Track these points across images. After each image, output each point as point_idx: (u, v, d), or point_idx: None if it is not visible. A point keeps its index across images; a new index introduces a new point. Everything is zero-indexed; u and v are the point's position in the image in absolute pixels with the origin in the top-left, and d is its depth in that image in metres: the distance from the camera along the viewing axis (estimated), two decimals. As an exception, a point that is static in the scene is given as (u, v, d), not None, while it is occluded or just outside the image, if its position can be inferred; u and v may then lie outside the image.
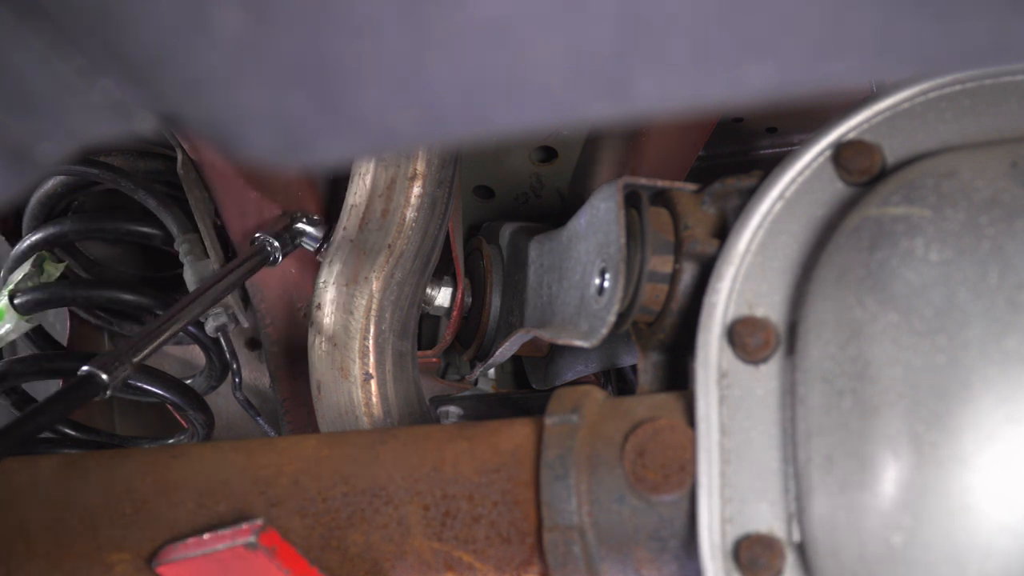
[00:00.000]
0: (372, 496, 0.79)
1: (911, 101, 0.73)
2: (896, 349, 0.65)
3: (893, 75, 0.69)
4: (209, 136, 0.47)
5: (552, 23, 0.41)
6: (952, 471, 0.63)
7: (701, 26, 0.41)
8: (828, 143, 0.74)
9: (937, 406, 0.63)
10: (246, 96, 0.44)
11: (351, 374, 1.01)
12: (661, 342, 0.81)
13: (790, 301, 0.71)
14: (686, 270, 0.78)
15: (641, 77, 0.43)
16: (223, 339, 1.22)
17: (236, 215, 1.15)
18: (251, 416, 1.27)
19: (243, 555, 0.75)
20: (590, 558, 0.74)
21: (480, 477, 0.77)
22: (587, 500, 0.74)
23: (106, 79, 0.45)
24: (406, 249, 1.03)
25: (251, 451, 0.84)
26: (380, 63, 0.42)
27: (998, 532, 0.62)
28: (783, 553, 0.68)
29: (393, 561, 0.78)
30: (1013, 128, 0.72)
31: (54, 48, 0.44)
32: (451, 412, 1.14)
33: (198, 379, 1.30)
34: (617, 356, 1.21)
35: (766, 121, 1.35)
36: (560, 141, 1.22)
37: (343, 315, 1.02)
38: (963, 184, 0.67)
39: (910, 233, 0.67)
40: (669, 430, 0.73)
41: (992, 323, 0.64)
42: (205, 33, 0.41)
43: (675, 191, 0.81)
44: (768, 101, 0.45)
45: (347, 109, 0.44)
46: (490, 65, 0.42)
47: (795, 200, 0.73)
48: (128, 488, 0.82)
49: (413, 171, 1.04)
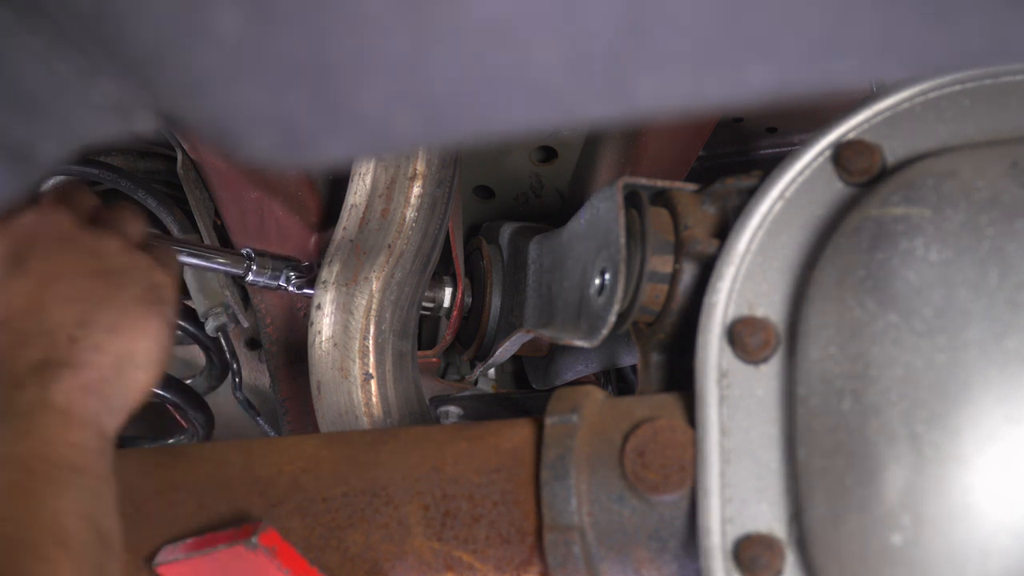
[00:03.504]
0: (372, 496, 0.79)
1: (911, 101, 0.73)
2: (896, 349, 0.65)
3: (893, 75, 0.69)
4: (209, 136, 0.47)
5: (552, 23, 0.41)
6: (952, 471, 0.63)
7: (701, 26, 0.41)
8: (828, 143, 0.74)
9: (937, 406, 0.63)
10: (246, 96, 0.44)
11: (351, 374, 1.01)
12: (661, 342, 0.81)
13: (790, 301, 0.71)
14: (686, 270, 0.78)
15: (641, 77, 0.43)
16: (223, 339, 1.22)
17: (236, 215, 1.15)
18: (251, 416, 1.27)
19: (243, 555, 0.75)
20: (590, 558, 0.74)
21: (480, 477, 0.77)
22: (587, 500, 0.74)
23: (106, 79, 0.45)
24: (406, 249, 1.03)
25: (251, 451, 0.84)
26: (380, 63, 0.42)
27: (997, 532, 0.62)
28: (783, 553, 0.68)
29: (393, 561, 0.78)
30: (1013, 128, 0.72)
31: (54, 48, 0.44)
32: (451, 412, 1.14)
33: (198, 379, 1.30)
34: (617, 356, 1.21)
35: (766, 121, 1.35)
36: (560, 141, 1.22)
37: (343, 315, 1.02)
38: (963, 184, 0.67)
39: (910, 233, 0.67)
40: (669, 430, 0.73)
41: (992, 323, 0.64)
42: (204, 33, 0.41)
43: (675, 191, 0.81)
44: (768, 101, 0.45)
45: (347, 109, 0.44)
46: (490, 65, 0.42)
47: (795, 200, 0.73)
48: (128, 488, 0.82)
49: (413, 171, 1.04)
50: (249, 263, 1.06)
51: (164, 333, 0.75)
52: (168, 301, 0.77)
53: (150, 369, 0.74)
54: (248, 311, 1.22)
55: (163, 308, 0.76)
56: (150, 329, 0.74)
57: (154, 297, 0.75)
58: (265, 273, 1.07)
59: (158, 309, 0.75)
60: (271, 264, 1.07)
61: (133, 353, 0.72)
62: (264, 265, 1.07)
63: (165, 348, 0.76)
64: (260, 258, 1.07)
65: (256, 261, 1.06)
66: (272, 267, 1.07)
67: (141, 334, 0.73)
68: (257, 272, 1.06)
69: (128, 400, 0.72)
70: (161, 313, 0.75)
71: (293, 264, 1.08)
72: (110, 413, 0.70)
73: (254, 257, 1.06)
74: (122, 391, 0.72)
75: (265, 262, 1.07)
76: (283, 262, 1.08)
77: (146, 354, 0.73)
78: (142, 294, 0.75)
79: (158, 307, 0.75)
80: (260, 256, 1.07)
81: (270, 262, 1.07)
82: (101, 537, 0.65)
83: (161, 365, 0.75)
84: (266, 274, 1.07)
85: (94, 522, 0.65)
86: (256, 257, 1.06)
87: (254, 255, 1.06)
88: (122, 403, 0.72)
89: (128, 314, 0.73)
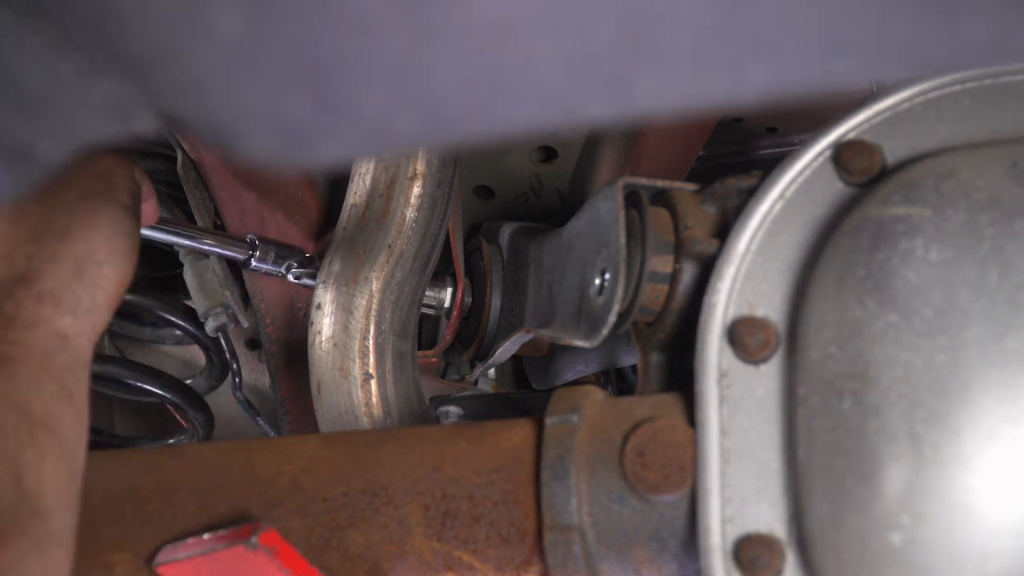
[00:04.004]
0: (372, 496, 0.79)
1: (911, 101, 0.73)
2: (896, 349, 0.65)
3: (893, 75, 0.69)
4: (209, 136, 0.47)
5: (552, 23, 0.41)
6: (952, 471, 0.63)
7: (701, 26, 0.41)
8: (828, 143, 0.74)
9: (937, 406, 0.63)
10: (245, 96, 0.44)
11: (351, 374, 1.01)
12: (661, 342, 0.81)
13: (790, 301, 0.71)
14: (686, 270, 0.78)
15: (641, 77, 0.43)
16: (223, 339, 1.22)
17: (236, 215, 1.15)
18: (251, 416, 1.27)
19: (243, 555, 0.75)
20: (590, 558, 0.74)
21: (480, 477, 0.77)
22: (587, 500, 0.74)
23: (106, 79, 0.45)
24: (406, 249, 1.03)
25: (251, 451, 0.84)
26: (380, 63, 0.42)
27: (997, 532, 0.62)
28: (783, 553, 0.68)
29: (393, 561, 0.78)
30: (1013, 128, 0.72)
31: (54, 48, 0.44)
32: (451, 412, 1.14)
33: (198, 379, 1.30)
34: (617, 356, 1.21)
35: (766, 121, 1.35)
36: (560, 141, 1.22)
37: (343, 315, 1.02)
38: (963, 184, 0.67)
39: (910, 233, 0.67)
40: (669, 430, 0.73)
41: (992, 323, 0.64)
42: (204, 33, 0.41)
43: (675, 191, 0.81)
44: (768, 101, 0.45)
45: (347, 109, 0.44)
46: (490, 65, 0.42)
47: (795, 200, 0.73)
48: (128, 488, 0.82)
49: (413, 171, 1.04)
50: (252, 250, 1.06)
51: (120, 220, 0.73)
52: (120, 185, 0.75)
53: (114, 259, 0.72)
54: (248, 311, 1.22)
55: (114, 194, 0.74)
56: (102, 220, 0.72)
57: (102, 186, 0.74)
58: (268, 260, 1.07)
59: (109, 197, 0.73)
60: (275, 251, 1.07)
61: (91, 251, 0.71)
62: (267, 251, 1.07)
63: (127, 234, 0.74)
64: (263, 244, 1.07)
65: (259, 247, 1.06)
66: (276, 254, 1.07)
67: (94, 229, 0.72)
68: (260, 258, 1.06)
69: (99, 297, 0.71)
70: (113, 200, 0.73)
71: (297, 252, 1.09)
72: (76, 314, 0.70)
73: (257, 244, 1.06)
74: (88, 290, 0.71)
75: (268, 248, 1.07)
76: (286, 250, 1.08)
77: (106, 246, 0.72)
78: (89, 186, 0.73)
79: (109, 195, 0.73)
80: (264, 243, 1.07)
81: (273, 249, 1.07)
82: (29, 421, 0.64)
83: (128, 252, 0.74)
84: (268, 261, 1.07)
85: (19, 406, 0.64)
86: (260, 244, 1.06)
87: (257, 241, 1.06)
88: (91, 302, 0.71)
89: (77, 214, 0.71)
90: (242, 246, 1.05)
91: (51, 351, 0.68)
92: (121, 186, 0.75)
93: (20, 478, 0.62)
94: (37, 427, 0.65)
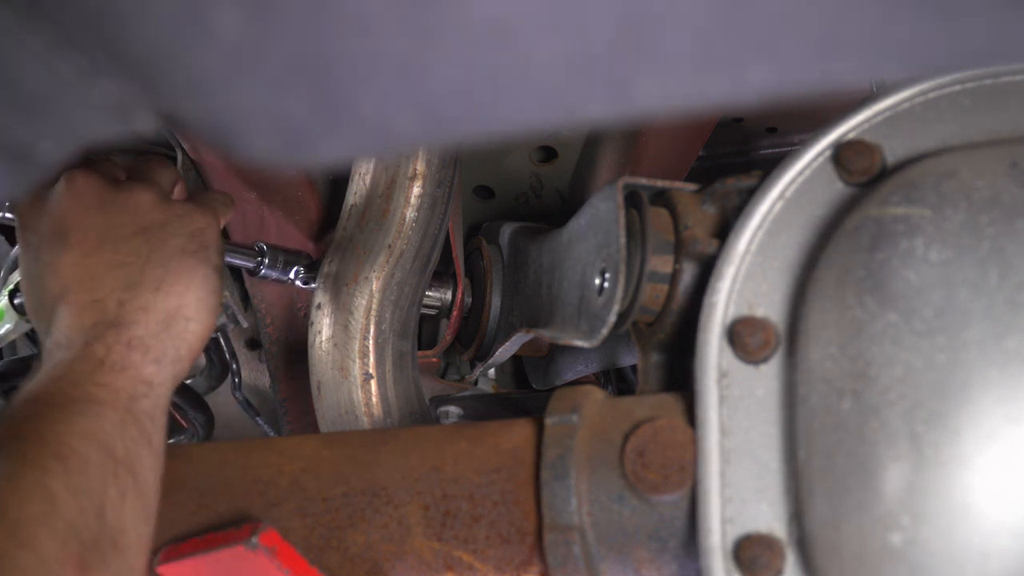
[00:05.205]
0: (372, 496, 0.79)
1: (911, 101, 0.73)
2: (896, 349, 0.65)
3: (893, 75, 0.69)
4: (209, 136, 0.47)
5: (552, 23, 0.41)
6: (952, 471, 0.63)
7: (701, 26, 0.41)
8: (828, 143, 0.74)
9: (937, 406, 0.63)
10: (245, 96, 0.44)
11: (351, 374, 1.01)
12: (661, 342, 0.81)
13: (790, 301, 0.71)
14: (686, 270, 0.78)
15: (641, 77, 0.43)
16: (223, 339, 1.22)
17: (236, 215, 1.15)
18: (251, 416, 1.27)
19: (243, 555, 0.75)
20: (590, 558, 0.74)
21: (480, 477, 0.77)
22: (587, 500, 0.74)
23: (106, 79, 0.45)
24: (406, 249, 1.03)
25: (251, 451, 0.84)
26: (380, 63, 0.42)
27: (997, 532, 0.62)
28: (783, 553, 0.68)
29: (393, 561, 0.78)
30: (1013, 128, 0.72)
31: (54, 48, 0.44)
32: (451, 412, 1.14)
33: (198, 379, 1.30)
34: (617, 356, 1.21)
35: (766, 121, 1.35)
36: (560, 141, 1.22)
37: (343, 315, 1.02)
38: (963, 184, 0.67)
39: (910, 233, 0.67)
40: (669, 430, 0.73)
41: (992, 323, 0.64)
42: (204, 33, 0.41)
43: (675, 191, 0.81)
44: (768, 101, 0.45)
45: (347, 109, 0.44)
46: (490, 65, 0.42)
47: (795, 200, 0.73)
48: (128, 488, 0.82)
49: (413, 171, 1.04)
50: (261, 257, 1.06)
51: (211, 278, 0.77)
52: (211, 244, 0.79)
53: (202, 317, 0.77)
54: (248, 311, 1.22)
55: (207, 253, 0.78)
56: (196, 279, 0.76)
57: (196, 245, 0.78)
58: (277, 267, 1.07)
59: (202, 256, 0.77)
60: (283, 258, 1.07)
61: (181, 306, 0.75)
62: (276, 258, 1.07)
63: (215, 291, 0.78)
64: (272, 251, 1.07)
65: (268, 255, 1.06)
66: (284, 261, 1.07)
67: (187, 286, 0.75)
68: (269, 265, 1.06)
69: (183, 350, 0.75)
70: (206, 259, 0.77)
71: (303, 257, 1.09)
72: (161, 363, 0.73)
73: (266, 251, 1.06)
74: (175, 342, 0.75)
75: (276, 255, 1.07)
76: (293, 255, 1.08)
77: (195, 304, 0.76)
78: (184, 244, 0.77)
79: (202, 254, 0.77)
80: (272, 250, 1.07)
81: (281, 255, 1.07)
82: (114, 460, 0.67)
83: (214, 310, 0.78)
84: (277, 268, 1.07)
85: (105, 446, 0.67)
86: (268, 251, 1.06)
87: (266, 249, 1.07)
88: (176, 353, 0.75)
89: (172, 269, 0.75)
90: (250, 253, 1.05)
91: (136, 396, 0.71)
92: (212, 246, 0.80)
93: (103, 513, 0.65)
94: (120, 467, 0.67)
